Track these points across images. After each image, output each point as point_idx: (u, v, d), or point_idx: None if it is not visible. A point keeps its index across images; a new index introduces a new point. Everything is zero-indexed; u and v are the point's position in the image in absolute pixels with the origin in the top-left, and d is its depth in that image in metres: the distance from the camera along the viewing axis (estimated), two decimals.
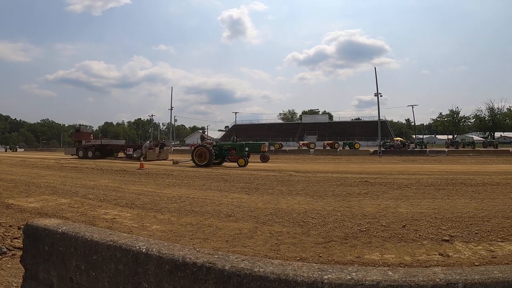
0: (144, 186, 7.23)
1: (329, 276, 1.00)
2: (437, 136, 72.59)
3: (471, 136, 63.97)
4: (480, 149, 32.21)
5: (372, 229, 3.50)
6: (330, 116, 72.21)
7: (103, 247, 1.31)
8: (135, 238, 1.36)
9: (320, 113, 74.93)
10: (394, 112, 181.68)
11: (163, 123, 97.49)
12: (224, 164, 13.63)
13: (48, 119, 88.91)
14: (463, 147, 36.80)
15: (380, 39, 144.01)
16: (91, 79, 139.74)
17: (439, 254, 2.62)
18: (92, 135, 26.25)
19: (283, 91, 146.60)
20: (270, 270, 1.06)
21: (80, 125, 29.12)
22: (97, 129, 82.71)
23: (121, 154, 20.08)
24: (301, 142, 43.13)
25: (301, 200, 5.43)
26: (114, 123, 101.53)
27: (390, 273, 1.01)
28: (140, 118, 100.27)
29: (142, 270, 1.19)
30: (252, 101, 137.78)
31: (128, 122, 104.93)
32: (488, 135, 57.53)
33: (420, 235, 3.23)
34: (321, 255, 2.75)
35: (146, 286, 1.17)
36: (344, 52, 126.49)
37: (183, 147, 45.38)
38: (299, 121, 69.73)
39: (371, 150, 27.73)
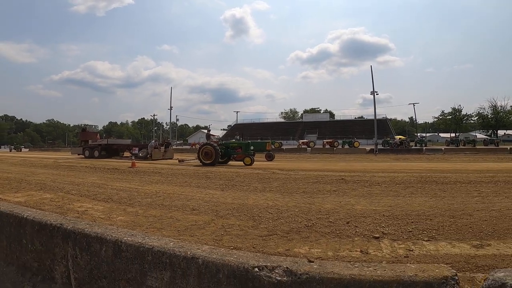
0: (128, 183, 7.60)
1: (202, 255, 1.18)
2: (440, 134, 72.02)
3: (474, 134, 63.41)
4: (480, 147, 32.04)
5: (318, 225, 3.71)
6: (332, 115, 72.10)
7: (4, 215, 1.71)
8: (34, 211, 1.76)
9: (322, 111, 74.90)
10: (399, 111, 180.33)
11: (166, 123, 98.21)
12: (230, 163, 13.62)
13: (53, 119, 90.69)
14: (463, 145, 36.60)
15: (384, 37, 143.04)
16: (96, 80, 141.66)
17: (360, 251, 2.81)
18: (98, 135, 26.80)
19: (287, 90, 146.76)
20: (171, 246, 1.27)
21: (86, 125, 29.71)
22: (102, 128, 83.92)
23: (127, 154, 20.33)
24: (300, 141, 43.32)
25: (270, 197, 5.71)
26: (118, 123, 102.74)
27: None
28: (143, 118, 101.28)
29: (23, 230, 1.66)
30: (256, 100, 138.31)
31: (132, 122, 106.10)
32: (491, 133, 56.95)
33: (356, 231, 3.42)
34: (255, 246, 3.02)
35: (25, 241, 1.56)
36: (347, 51, 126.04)
37: (184, 146, 45.96)
38: (300, 120, 69.81)
39: (368, 148, 27.82)
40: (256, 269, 0.99)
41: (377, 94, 28.09)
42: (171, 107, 42.15)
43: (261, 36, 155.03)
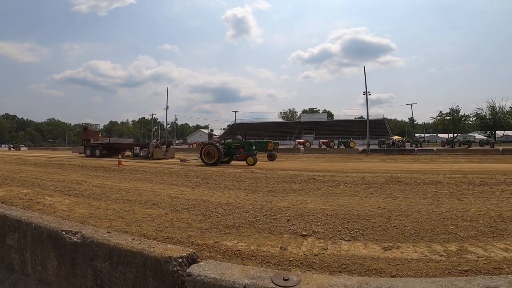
0: (106, 180, 7.95)
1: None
2: (439, 135, 72.06)
3: (473, 135, 63.33)
4: (475, 148, 32.14)
5: (260, 221, 3.91)
6: (331, 115, 72.35)
7: None
8: None
9: (321, 112, 75.16)
10: (401, 111, 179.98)
11: (167, 122, 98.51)
12: (232, 162, 13.59)
13: (54, 118, 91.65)
14: (459, 146, 36.73)
15: (385, 37, 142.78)
16: (97, 79, 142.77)
17: (280, 247, 2.94)
18: (100, 134, 26.77)
19: (289, 89, 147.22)
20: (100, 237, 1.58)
21: (87, 123, 29.87)
22: (102, 128, 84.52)
23: (128, 153, 20.20)
24: (297, 141, 43.60)
25: (234, 194, 6.00)
26: (119, 122, 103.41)
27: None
28: (144, 117, 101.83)
29: None
30: (257, 100, 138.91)
31: (132, 121, 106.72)
32: (489, 134, 56.92)
33: (290, 229, 3.55)
34: (190, 237, 3.28)
35: None
36: (349, 51, 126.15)
37: (181, 146, 46.34)
38: (298, 120, 70.10)
39: (360, 149, 28.07)
40: (63, 232, 1.34)
41: (369, 94, 28.22)
42: (167, 107, 43.18)
43: (262, 36, 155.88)
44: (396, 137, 39.93)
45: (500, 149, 25.63)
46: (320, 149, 30.72)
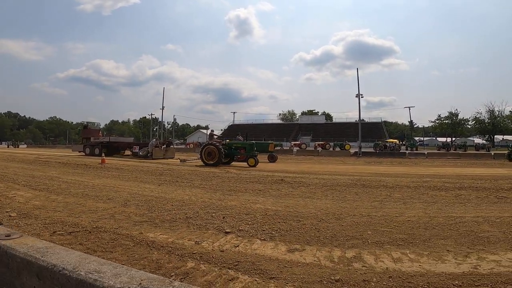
0: (80, 177, 8.24)
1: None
2: (438, 138, 71.93)
3: (472, 139, 63.06)
4: (469, 152, 32.11)
5: (197, 218, 4.10)
6: (330, 117, 72.44)
7: None
8: None
9: (320, 114, 75.24)
10: (403, 114, 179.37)
11: (168, 122, 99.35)
12: (233, 163, 13.46)
13: (56, 117, 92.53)
14: (454, 150, 36.73)
15: (389, 39, 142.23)
16: (101, 78, 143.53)
17: (195, 242, 3.08)
18: (100, 132, 26.79)
19: (291, 91, 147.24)
20: None
21: (88, 122, 29.90)
22: (104, 127, 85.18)
23: (127, 152, 20.04)
24: (293, 142, 43.82)
25: (193, 192, 6.24)
26: (120, 121, 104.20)
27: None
28: (145, 117, 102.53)
29: None
30: (259, 101, 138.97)
31: (133, 120, 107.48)
32: (488, 138, 56.69)
33: (220, 226, 3.72)
34: (118, 228, 3.53)
35: None
36: (352, 53, 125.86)
37: (179, 146, 46.68)
38: (296, 122, 70.26)
39: (352, 151, 28.21)
40: None
41: (362, 97, 28.31)
42: (163, 107, 43.48)
43: (265, 37, 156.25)
44: (391, 140, 39.95)
45: (492, 154, 25.66)
46: (312, 151, 30.85)
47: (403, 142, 45.97)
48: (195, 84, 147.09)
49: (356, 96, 27.96)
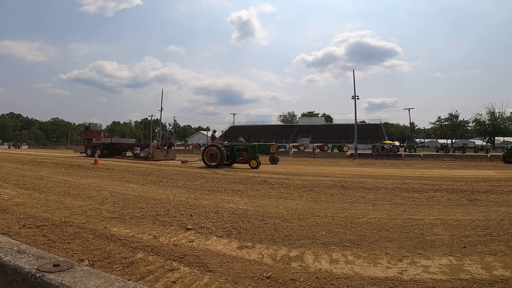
0: (69, 177, 8.50)
1: None
2: (438, 140, 71.73)
3: (473, 141, 62.70)
4: (467, 154, 32.08)
5: (167, 215, 4.28)
6: (330, 119, 72.54)
7: None
8: None
9: (320, 115, 75.37)
10: (405, 115, 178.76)
11: (169, 123, 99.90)
12: (235, 165, 13.49)
13: (58, 118, 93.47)
14: (453, 152, 36.68)
15: (391, 41, 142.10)
16: (103, 79, 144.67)
17: (153, 236, 3.28)
18: (102, 133, 26.80)
19: (293, 92, 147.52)
20: None
21: (89, 123, 30.02)
22: (105, 128, 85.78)
23: (129, 153, 20.05)
24: (291, 144, 44.02)
25: (173, 192, 6.46)
26: (121, 123, 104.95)
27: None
28: (146, 118, 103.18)
29: None
30: (261, 103, 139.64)
31: (135, 121, 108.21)
32: (488, 140, 56.41)
33: (184, 223, 3.89)
34: (86, 223, 3.75)
35: None
36: (354, 54, 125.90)
37: (177, 147, 46.99)
38: (295, 124, 70.39)
39: (348, 153, 28.33)
40: None
41: (358, 98, 28.43)
42: (161, 108, 44.05)
43: (267, 38, 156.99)
44: (388, 142, 39.97)
45: (489, 156, 25.64)
46: (309, 153, 30.99)
47: (404, 144, 45.98)
48: (197, 86, 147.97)
49: (352, 98, 28.06)
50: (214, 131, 16.95)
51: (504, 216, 4.51)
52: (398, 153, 30.27)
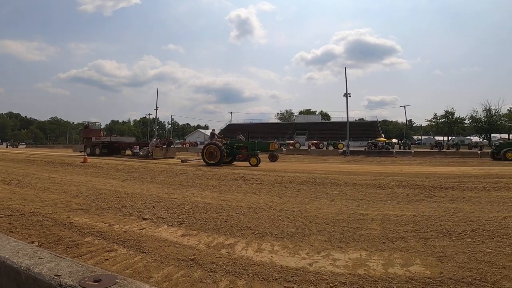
0: (55, 173, 8.89)
1: None
2: (436, 137, 71.97)
3: (470, 138, 62.85)
4: (460, 151, 32.33)
5: (132, 207, 4.62)
6: (327, 116, 72.83)
7: None
8: None
9: (317, 113, 75.69)
10: (404, 113, 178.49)
11: (168, 122, 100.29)
12: (235, 163, 13.55)
13: (56, 117, 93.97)
14: (447, 149, 36.98)
15: (390, 38, 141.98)
16: (103, 78, 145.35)
17: (109, 224, 3.60)
18: (102, 132, 27.05)
19: (292, 91, 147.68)
20: None
21: (88, 122, 30.21)
22: (104, 127, 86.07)
23: (128, 152, 20.18)
24: (287, 142, 44.35)
25: (149, 187, 6.81)
26: (120, 121, 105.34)
27: None
28: (145, 117, 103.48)
29: None
30: (261, 101, 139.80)
31: (134, 120, 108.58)
32: (485, 137, 56.60)
33: (142, 213, 4.22)
34: (52, 213, 4.13)
35: None
36: (353, 52, 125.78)
37: (175, 146, 47.35)
38: (292, 121, 70.74)
39: (341, 150, 28.70)
40: None
41: (350, 96, 28.73)
42: (156, 107, 44.50)
43: (266, 37, 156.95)
44: (381, 139, 40.32)
45: (479, 152, 25.92)
46: (302, 150, 31.34)
47: (402, 141, 46.21)
48: (197, 84, 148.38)
49: (344, 95, 28.36)
50: (214, 130, 17.02)
51: (446, 213, 4.54)
52: (390, 150, 30.59)
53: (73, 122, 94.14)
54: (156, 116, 46.75)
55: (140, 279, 2.19)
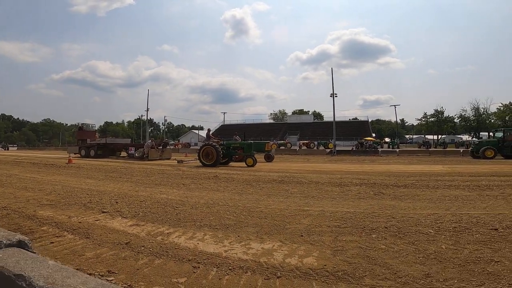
0: (37, 174, 9.36)
1: None
2: (427, 136, 73.07)
3: (460, 136, 63.88)
4: (451, 149, 33.10)
5: (98, 203, 5.02)
6: (320, 116, 73.58)
7: None
8: None
9: (310, 113, 76.44)
10: (400, 112, 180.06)
11: (163, 123, 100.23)
12: (231, 164, 13.65)
13: (49, 119, 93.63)
14: (435, 148, 37.87)
15: (385, 38, 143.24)
16: (97, 79, 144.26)
17: (68, 217, 4.04)
18: (96, 134, 26.83)
19: (288, 91, 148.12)
20: None
21: (82, 123, 30.09)
22: (98, 128, 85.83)
23: (124, 153, 20.26)
24: (278, 142, 44.98)
25: (123, 186, 7.30)
26: (114, 122, 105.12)
27: None
28: (139, 118, 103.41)
29: None
30: (257, 101, 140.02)
31: (128, 121, 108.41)
32: (474, 136, 57.61)
33: (104, 207, 4.64)
34: (21, 208, 4.62)
35: None
36: (348, 52, 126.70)
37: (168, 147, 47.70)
38: (284, 122, 71.42)
39: (327, 150, 29.36)
40: None
41: (336, 96, 29.37)
42: (147, 108, 45.10)
43: (261, 37, 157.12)
44: (368, 138, 41.13)
45: (461, 151, 26.59)
46: (291, 150, 31.93)
47: (394, 140, 47.08)
48: (192, 85, 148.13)
49: (330, 96, 28.97)
50: (209, 130, 16.84)
51: (380, 210, 4.61)
52: (377, 149, 31.31)
53: (66, 124, 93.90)
54: (147, 117, 47.21)
55: (73, 257, 2.71)
